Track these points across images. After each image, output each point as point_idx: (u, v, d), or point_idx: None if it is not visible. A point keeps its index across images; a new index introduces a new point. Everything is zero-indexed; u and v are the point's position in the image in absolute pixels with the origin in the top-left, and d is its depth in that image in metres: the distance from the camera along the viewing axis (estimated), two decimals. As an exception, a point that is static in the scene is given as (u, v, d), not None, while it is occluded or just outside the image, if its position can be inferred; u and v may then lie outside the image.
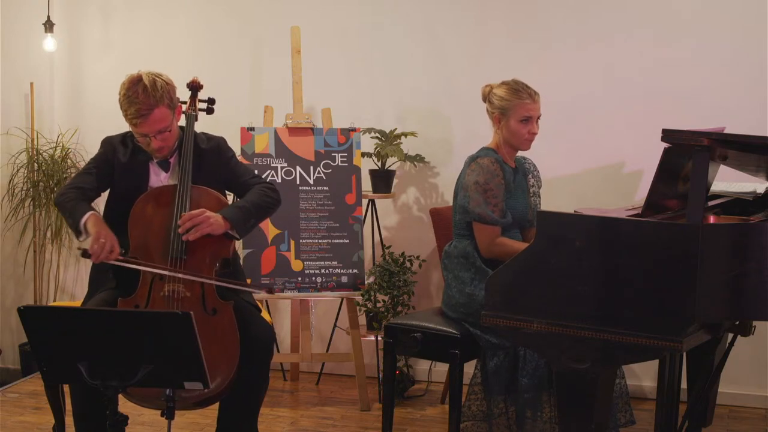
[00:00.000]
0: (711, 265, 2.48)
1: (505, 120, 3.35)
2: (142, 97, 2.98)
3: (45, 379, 2.53)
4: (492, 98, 3.38)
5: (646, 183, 3.57)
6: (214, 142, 3.27)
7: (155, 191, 3.13)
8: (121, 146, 3.18)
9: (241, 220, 3.08)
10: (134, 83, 3.01)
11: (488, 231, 3.28)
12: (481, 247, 3.30)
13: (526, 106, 3.33)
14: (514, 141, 3.37)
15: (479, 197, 3.27)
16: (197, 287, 2.99)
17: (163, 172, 3.18)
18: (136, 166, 3.16)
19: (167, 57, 4.78)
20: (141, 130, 3.04)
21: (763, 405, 4.19)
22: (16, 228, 4.89)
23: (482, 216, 3.26)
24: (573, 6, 4.34)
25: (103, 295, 3.07)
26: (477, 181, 3.27)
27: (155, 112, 3.00)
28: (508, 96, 3.34)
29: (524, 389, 3.18)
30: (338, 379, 4.65)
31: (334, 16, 4.65)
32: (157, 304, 2.94)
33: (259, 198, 3.18)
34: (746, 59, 4.10)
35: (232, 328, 2.93)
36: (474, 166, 3.32)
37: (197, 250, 3.03)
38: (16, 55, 4.91)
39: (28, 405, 4.20)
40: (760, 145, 2.73)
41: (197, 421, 3.90)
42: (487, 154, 3.35)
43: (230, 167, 3.27)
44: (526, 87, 3.36)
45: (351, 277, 4.26)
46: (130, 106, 2.99)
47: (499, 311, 2.75)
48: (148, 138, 3.06)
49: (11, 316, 4.92)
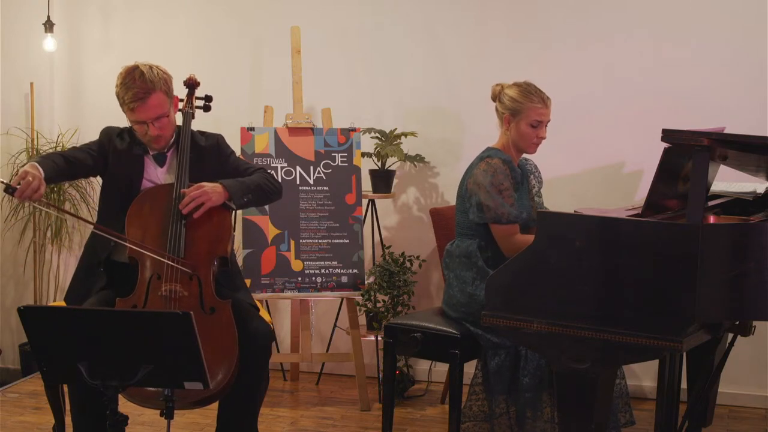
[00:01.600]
0: (711, 265, 2.48)
1: (515, 122, 3.34)
2: (139, 82, 3.00)
3: (45, 379, 2.53)
4: (503, 98, 3.36)
5: (646, 183, 3.57)
6: (213, 139, 3.28)
7: (151, 190, 3.13)
8: (118, 138, 3.18)
9: (239, 191, 3.12)
10: (131, 71, 3.04)
11: (508, 230, 3.25)
12: (504, 246, 3.27)
13: (538, 110, 3.31)
14: (521, 143, 3.36)
15: (498, 197, 3.24)
16: (195, 286, 3.00)
17: (158, 167, 3.18)
18: (131, 158, 3.16)
19: (167, 57, 4.72)
20: (138, 116, 3.04)
21: (763, 405, 4.19)
22: (16, 228, 4.89)
23: (502, 215, 3.23)
24: (573, 6, 4.34)
25: (100, 296, 3.06)
26: (493, 182, 3.25)
27: (152, 97, 3.01)
28: (521, 98, 3.32)
29: (525, 389, 3.18)
30: (338, 379, 4.65)
31: (334, 16, 4.65)
32: (154, 303, 2.95)
33: (260, 180, 3.22)
34: (746, 59, 4.10)
35: (230, 327, 2.93)
36: (485, 167, 3.29)
37: (194, 248, 3.03)
38: (16, 55, 4.91)
39: (28, 405, 4.20)
40: (760, 145, 2.73)
41: (197, 421, 3.90)
42: (496, 154, 3.34)
43: (230, 162, 3.29)
44: (538, 91, 3.35)
45: (351, 277, 4.26)
46: (128, 91, 3.01)
47: (499, 311, 2.75)
48: (146, 126, 3.05)
49: (11, 316, 4.92)
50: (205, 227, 3.09)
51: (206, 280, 3.01)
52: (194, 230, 3.07)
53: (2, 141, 4.86)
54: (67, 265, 5.02)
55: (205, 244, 3.06)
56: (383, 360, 3.46)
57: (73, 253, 4.99)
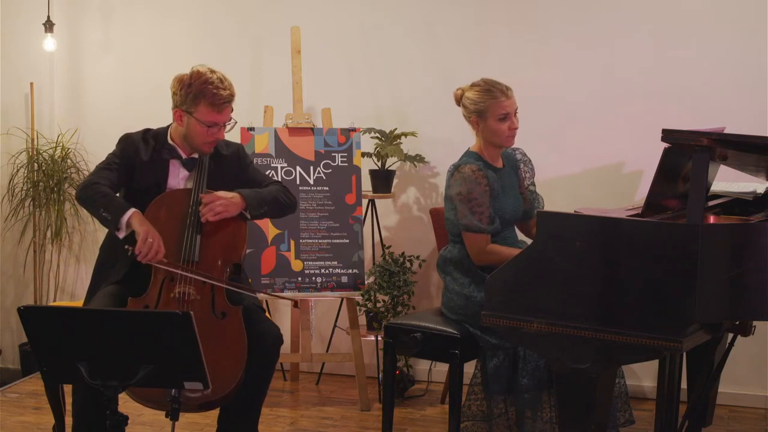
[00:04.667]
0: (711, 265, 2.48)
1: (483, 122, 3.32)
2: (228, 86, 3.09)
3: (45, 379, 2.54)
4: (465, 102, 3.35)
5: (646, 183, 3.57)
6: (234, 147, 3.33)
7: (169, 195, 3.14)
8: (143, 143, 3.18)
9: (256, 202, 3.15)
10: (208, 73, 3.09)
11: (478, 239, 3.25)
12: (473, 255, 3.28)
13: (501, 103, 3.29)
14: (496, 140, 3.34)
15: (464, 208, 3.24)
16: (207, 290, 3.00)
17: (184, 170, 3.20)
18: (157, 164, 3.17)
19: (167, 57, 4.78)
20: (219, 118, 3.10)
21: (763, 405, 4.19)
22: (16, 228, 4.89)
23: (469, 226, 3.24)
24: (573, 6, 4.33)
25: (109, 289, 3.06)
26: (460, 192, 3.25)
27: (231, 104, 3.12)
28: (481, 98, 3.30)
29: (524, 389, 3.18)
30: (338, 379, 4.65)
31: (334, 16, 4.65)
32: (167, 305, 2.95)
33: (277, 192, 3.26)
34: (746, 59, 4.10)
35: (240, 333, 2.93)
36: (457, 176, 3.28)
37: (209, 253, 3.04)
38: (16, 55, 4.91)
39: (28, 405, 4.20)
40: (760, 145, 2.73)
41: (197, 421, 3.90)
42: (468, 161, 3.32)
43: (249, 173, 3.33)
44: (496, 84, 3.31)
45: (351, 277, 4.26)
46: (218, 90, 3.06)
47: (499, 311, 2.75)
48: (215, 128, 3.09)
49: (11, 316, 4.92)
50: (221, 234, 3.10)
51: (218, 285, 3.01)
52: (209, 237, 3.09)
53: (2, 141, 4.86)
54: (67, 265, 5.02)
55: (220, 250, 3.07)
56: (383, 360, 3.46)
57: (73, 253, 4.99)
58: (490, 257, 3.22)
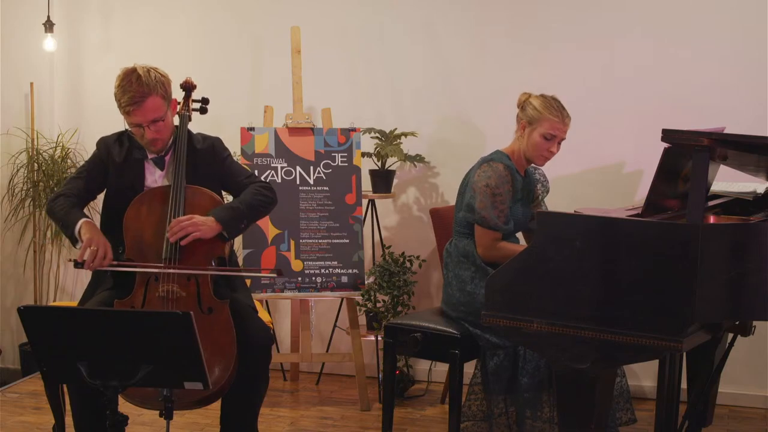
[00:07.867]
0: (711, 265, 2.48)
1: (530, 131, 3.35)
2: (135, 86, 2.99)
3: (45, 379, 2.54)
4: (526, 106, 3.38)
5: (646, 183, 3.57)
6: (209, 142, 3.26)
7: (149, 193, 3.12)
8: (117, 145, 3.18)
9: (233, 220, 3.07)
10: (128, 74, 3.03)
11: (489, 235, 3.28)
12: (481, 249, 3.30)
13: (555, 124, 3.33)
14: (531, 153, 3.37)
15: (487, 200, 3.27)
16: (192, 287, 2.99)
17: (158, 170, 3.18)
18: (131, 165, 3.16)
19: (167, 57, 4.75)
20: (134, 119, 3.03)
21: (763, 405, 4.19)
22: (16, 228, 4.89)
23: (486, 219, 3.26)
24: (573, 6, 4.34)
25: (100, 297, 3.08)
26: (488, 184, 3.28)
27: (148, 101, 3.00)
28: (543, 108, 3.34)
29: (524, 389, 3.19)
30: (338, 379, 4.65)
31: (334, 16, 4.65)
32: (152, 304, 2.95)
33: (252, 197, 3.16)
34: (746, 59, 4.10)
35: (229, 327, 2.93)
36: (486, 168, 3.31)
37: (190, 250, 3.02)
38: (16, 55, 4.91)
39: (28, 405, 4.20)
40: (760, 145, 2.73)
41: (197, 421, 3.90)
42: (501, 159, 3.35)
43: (225, 167, 3.25)
44: (561, 107, 3.37)
45: (351, 277, 4.26)
46: (124, 94, 3.00)
47: (499, 311, 2.75)
48: (142, 129, 3.05)
49: (11, 316, 4.92)
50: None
51: (204, 281, 3.01)
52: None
53: (2, 141, 4.86)
54: (67, 265, 5.02)
55: (202, 245, 3.05)
56: (383, 360, 3.46)
57: (73, 253, 4.98)
58: (500, 252, 3.24)
